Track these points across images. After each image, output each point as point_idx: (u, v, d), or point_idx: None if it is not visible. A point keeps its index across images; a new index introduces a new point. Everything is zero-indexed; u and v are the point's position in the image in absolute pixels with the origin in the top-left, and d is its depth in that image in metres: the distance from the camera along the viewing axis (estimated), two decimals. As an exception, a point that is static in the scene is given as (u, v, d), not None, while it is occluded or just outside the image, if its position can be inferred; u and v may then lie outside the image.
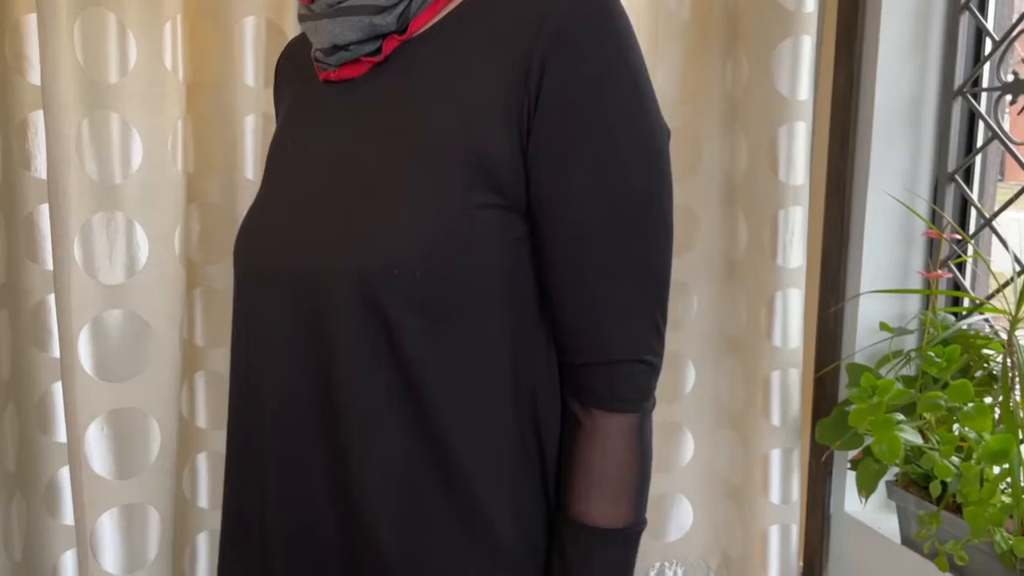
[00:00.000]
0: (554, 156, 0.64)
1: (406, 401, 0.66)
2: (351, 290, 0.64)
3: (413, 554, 0.67)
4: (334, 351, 0.66)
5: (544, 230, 0.67)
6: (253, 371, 0.75)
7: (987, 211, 1.78)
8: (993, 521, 1.44)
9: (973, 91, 1.77)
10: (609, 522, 0.68)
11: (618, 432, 0.69)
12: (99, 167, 1.41)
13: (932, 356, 1.53)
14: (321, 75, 0.74)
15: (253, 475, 0.75)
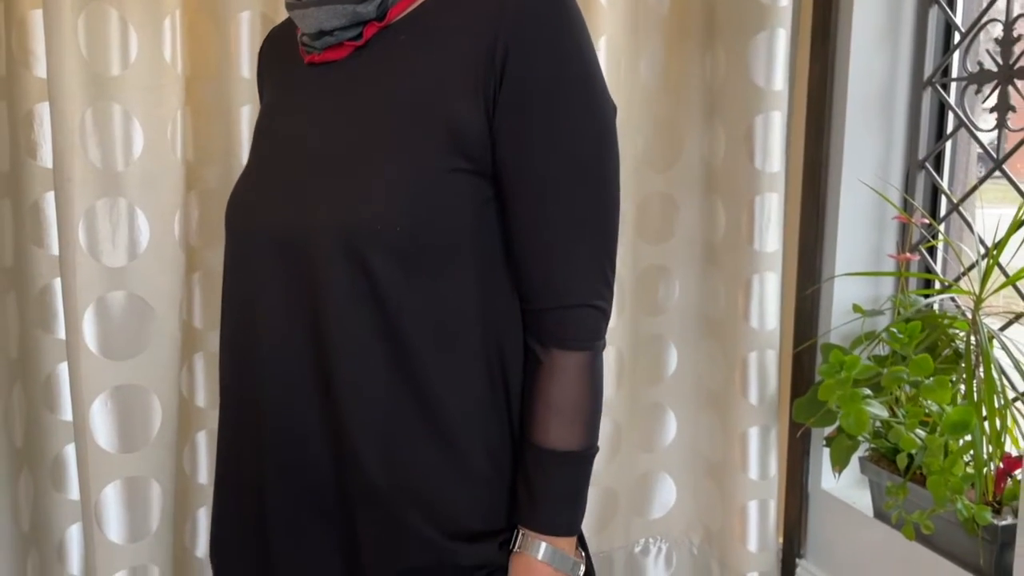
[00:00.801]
0: (516, 127, 0.73)
1: (387, 341, 0.74)
2: (339, 244, 0.72)
3: (396, 475, 0.76)
4: (323, 299, 0.74)
5: (508, 192, 0.76)
6: (246, 321, 0.82)
7: (955, 197, 1.85)
8: (954, 490, 1.52)
9: (942, 81, 1.84)
10: (566, 445, 0.78)
11: (573, 368, 0.78)
12: (102, 155, 1.48)
13: (895, 332, 1.60)
14: (306, 58, 0.82)
15: (248, 410, 0.83)
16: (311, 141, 0.79)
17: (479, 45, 0.72)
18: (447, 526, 0.77)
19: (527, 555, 0.78)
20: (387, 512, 0.76)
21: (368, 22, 0.76)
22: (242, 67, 1.61)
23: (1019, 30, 1.64)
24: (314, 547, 0.80)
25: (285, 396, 0.79)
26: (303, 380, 0.78)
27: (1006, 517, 1.52)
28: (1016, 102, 1.66)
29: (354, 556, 0.79)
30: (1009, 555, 1.52)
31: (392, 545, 0.77)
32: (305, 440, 0.78)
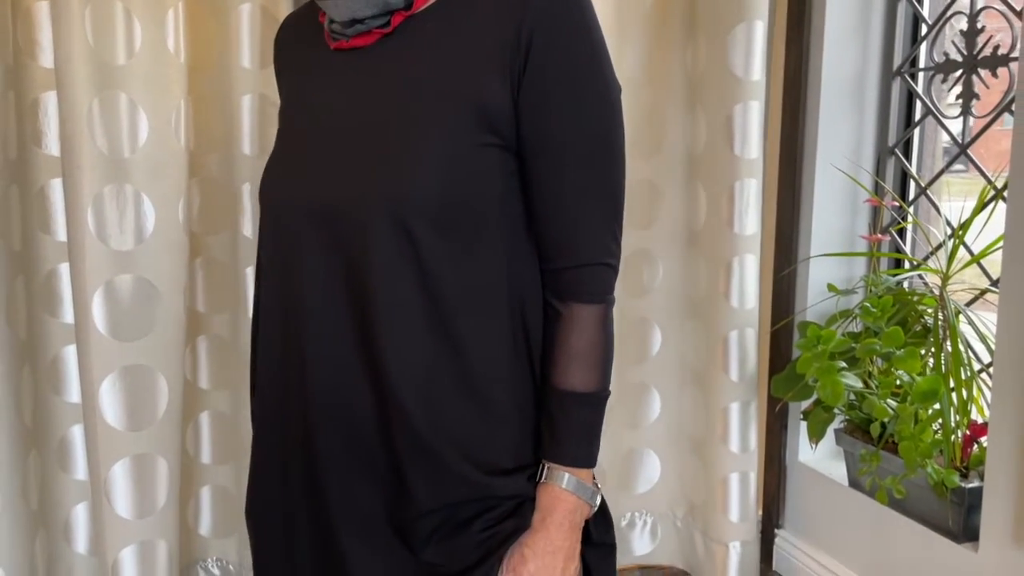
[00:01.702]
0: (540, 105, 0.83)
1: (426, 300, 0.83)
2: (384, 214, 0.80)
3: (437, 422, 0.85)
4: (368, 265, 0.82)
5: (531, 163, 0.85)
6: (288, 287, 0.88)
7: (923, 181, 1.94)
8: (925, 455, 1.61)
9: (910, 71, 1.94)
10: (584, 387, 0.88)
11: (590, 319, 0.88)
12: (109, 143, 1.53)
13: (868, 307, 1.69)
14: (333, 44, 0.89)
15: (292, 370, 0.88)
16: (348, 121, 0.85)
17: (505, 33, 0.81)
18: (482, 464, 0.86)
19: (553, 485, 0.87)
20: (431, 454, 0.85)
21: (396, 11, 0.84)
22: (243, 57, 1.66)
23: (982, 22, 1.74)
24: (362, 491, 0.87)
25: (330, 355, 0.86)
26: (347, 340, 0.85)
27: (973, 480, 1.62)
28: (980, 90, 1.75)
29: (399, 496, 0.87)
30: (976, 516, 1.61)
31: (436, 483, 0.85)
32: (351, 393, 0.85)
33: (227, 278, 1.79)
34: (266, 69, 1.68)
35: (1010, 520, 1.51)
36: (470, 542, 0.85)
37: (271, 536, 0.95)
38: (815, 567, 2.02)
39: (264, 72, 1.68)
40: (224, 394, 1.84)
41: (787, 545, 2.11)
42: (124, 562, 1.62)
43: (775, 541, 2.14)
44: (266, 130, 1.70)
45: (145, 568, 1.64)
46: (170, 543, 1.67)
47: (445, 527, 0.86)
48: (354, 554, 0.86)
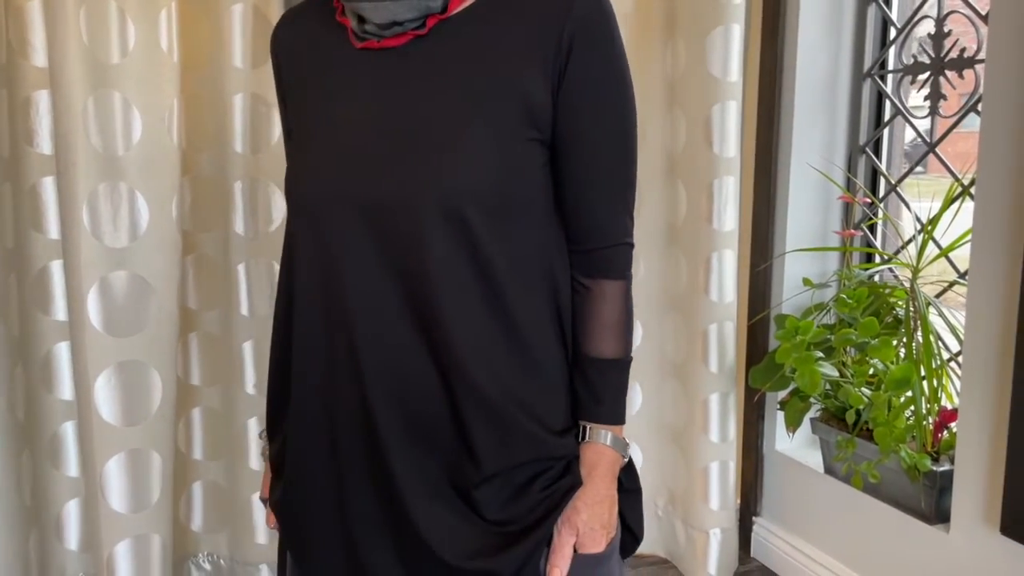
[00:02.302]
0: (576, 104, 0.91)
1: (480, 280, 0.90)
2: (440, 205, 0.87)
3: (501, 387, 0.92)
4: (425, 252, 0.88)
5: (565, 156, 0.93)
6: (333, 282, 0.91)
7: (893, 178, 2.02)
8: (898, 440, 1.68)
9: (880, 73, 2.01)
10: (614, 354, 0.97)
11: (618, 293, 0.97)
12: (103, 141, 1.55)
13: (845, 298, 1.76)
14: (359, 44, 0.92)
15: (342, 359, 0.92)
16: (394, 118, 0.89)
17: (548, 37, 0.89)
18: (544, 425, 0.94)
19: (596, 443, 0.95)
20: (500, 419, 0.92)
21: (431, 14, 0.89)
22: (235, 57, 1.69)
23: (949, 25, 1.82)
24: (427, 463, 0.92)
25: (384, 339, 0.90)
26: (403, 323, 0.90)
27: (943, 464, 1.70)
28: (947, 91, 1.83)
29: (464, 465, 0.92)
30: (947, 498, 1.69)
31: (505, 446, 0.92)
32: (409, 372, 0.91)
33: (218, 275, 1.81)
34: (258, 68, 1.71)
35: (979, 501, 1.58)
36: (531, 501, 0.92)
37: (317, 517, 0.97)
38: (792, 553, 2.08)
39: (256, 71, 1.70)
40: (215, 390, 1.86)
41: (765, 532, 2.17)
42: (119, 556, 1.64)
43: (753, 528, 2.20)
44: (258, 128, 1.72)
45: (139, 562, 1.66)
46: (164, 537, 1.69)
47: (506, 489, 0.92)
48: (424, 517, 0.91)
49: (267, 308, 1.78)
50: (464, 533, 0.92)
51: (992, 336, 1.53)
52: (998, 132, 1.50)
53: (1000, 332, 1.51)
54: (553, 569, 0.92)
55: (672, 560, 2.23)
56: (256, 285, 1.77)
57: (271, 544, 1.87)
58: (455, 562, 0.90)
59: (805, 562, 2.04)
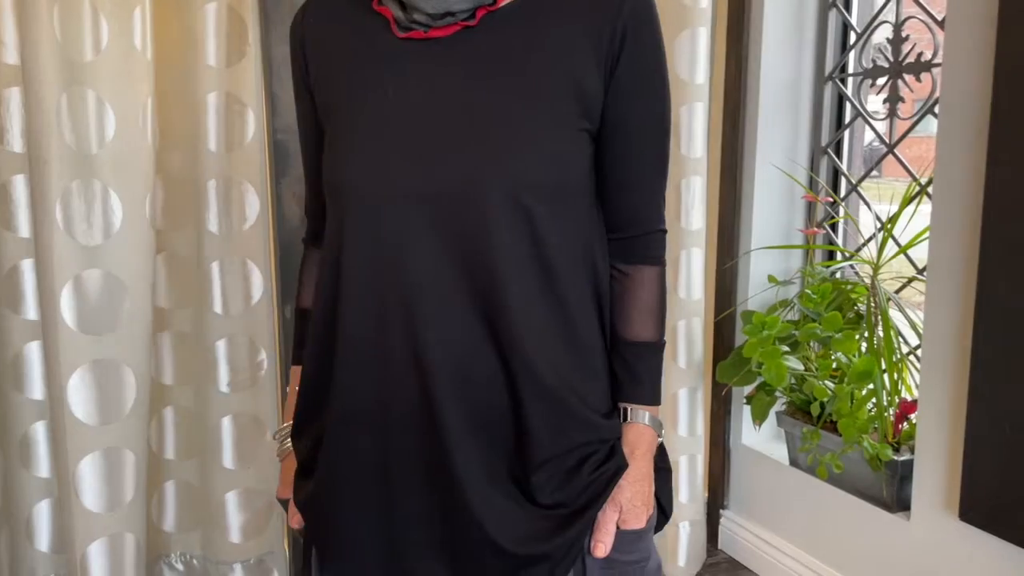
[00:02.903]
0: (626, 96, 0.94)
1: (539, 267, 0.92)
2: (506, 195, 0.89)
3: (559, 374, 0.94)
4: (489, 240, 0.89)
5: (611, 145, 0.96)
6: (391, 272, 0.91)
7: (854, 178, 2.08)
8: (861, 430, 1.74)
9: (841, 76, 2.07)
10: (651, 337, 1.00)
11: (655, 278, 1.01)
12: (76, 138, 1.54)
13: (809, 294, 1.81)
14: (403, 33, 0.92)
15: (400, 349, 0.92)
16: (450, 108, 0.90)
17: (601, 30, 0.91)
18: (593, 409, 0.97)
19: (638, 424, 0.99)
20: (558, 403, 0.93)
21: (481, 5, 0.91)
22: (208, 55, 1.69)
23: (906, 31, 1.88)
24: (488, 453, 0.93)
25: (448, 328, 0.91)
26: (466, 312, 0.91)
27: (904, 454, 1.76)
28: (905, 94, 1.90)
29: (520, 452, 0.94)
30: (907, 487, 1.75)
31: (560, 430, 0.94)
32: (473, 361, 0.92)
33: (191, 274, 1.81)
34: (232, 67, 1.71)
35: (939, 490, 1.64)
36: (581, 483, 0.94)
37: (356, 516, 0.97)
38: (759, 543, 2.13)
39: (230, 70, 1.71)
40: (188, 389, 1.86)
41: (732, 524, 2.22)
42: (92, 556, 1.63)
43: (720, 521, 2.25)
44: (232, 127, 1.72)
45: (114, 561, 1.65)
46: (138, 536, 1.68)
47: (558, 473, 0.94)
48: (484, 507, 0.92)
49: (241, 306, 1.78)
50: (520, 519, 0.93)
51: (950, 330, 1.59)
52: (955, 133, 1.56)
53: (958, 326, 1.57)
54: (598, 545, 0.95)
55: (641, 553, 2.26)
56: (230, 283, 1.77)
57: (244, 543, 1.87)
58: (513, 548, 0.92)
59: (772, 552, 2.09)
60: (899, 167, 1.93)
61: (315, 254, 1.12)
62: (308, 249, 1.15)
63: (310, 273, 1.14)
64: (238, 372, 1.81)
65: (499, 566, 0.93)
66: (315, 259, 1.12)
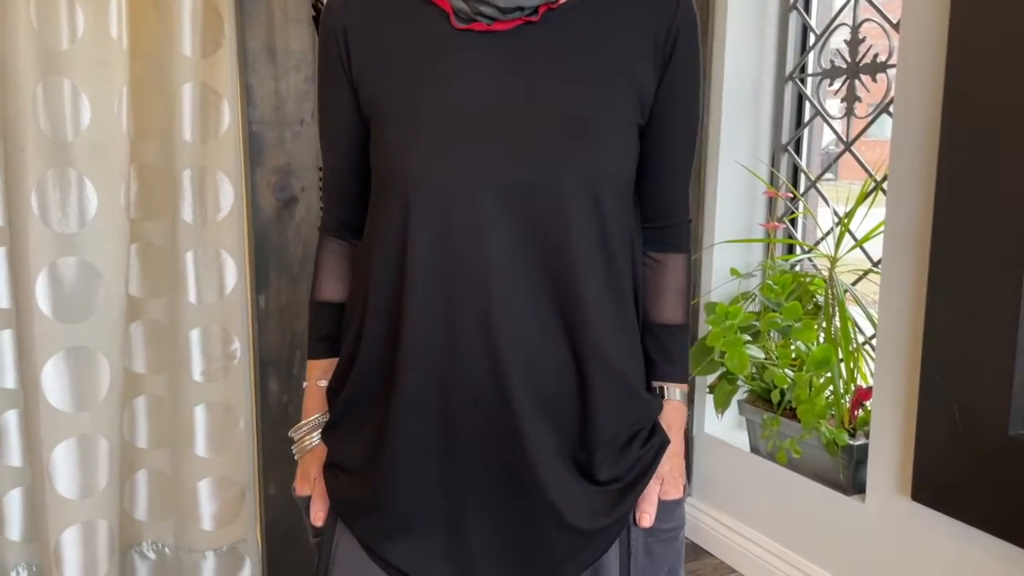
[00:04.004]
0: (674, 94, 1.00)
1: (604, 256, 0.96)
2: (583, 186, 0.93)
3: (622, 356, 0.98)
4: (566, 232, 0.92)
5: (655, 140, 1.01)
6: (462, 262, 0.92)
7: (812, 175, 2.16)
8: (819, 416, 1.81)
9: (801, 76, 2.15)
10: (681, 319, 1.07)
11: (683, 265, 1.07)
12: (52, 127, 1.55)
13: (771, 284, 1.88)
14: (462, 25, 0.93)
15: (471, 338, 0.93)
16: (522, 102, 0.92)
17: (658, 31, 0.97)
18: (644, 388, 1.03)
19: (674, 401, 1.06)
20: (622, 386, 0.98)
21: (544, 2, 0.94)
22: (183, 45, 1.70)
23: (863, 33, 1.96)
24: (555, 435, 0.96)
25: (522, 316, 0.93)
26: (541, 299, 0.94)
27: (860, 439, 1.83)
28: (861, 93, 1.97)
29: (583, 433, 0.97)
30: (863, 471, 1.82)
31: (623, 410, 0.99)
32: (543, 347, 0.94)
33: (164, 263, 1.81)
34: (207, 58, 1.72)
35: (892, 473, 1.72)
36: (631, 459, 0.99)
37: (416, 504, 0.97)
38: (721, 529, 2.20)
39: (205, 61, 1.72)
40: (161, 378, 1.86)
41: (694, 511, 2.29)
42: (66, 543, 1.64)
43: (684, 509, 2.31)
44: (207, 117, 1.74)
45: (87, 548, 1.66)
46: (111, 523, 1.69)
47: (614, 451, 0.99)
48: (556, 487, 0.95)
49: (215, 296, 1.80)
50: (585, 496, 0.97)
51: (903, 320, 1.67)
52: (908, 132, 1.63)
53: (910, 316, 1.65)
54: (644, 516, 1.01)
55: (607, 540, 2.32)
56: (204, 273, 1.79)
57: (216, 531, 1.88)
58: (581, 524, 0.96)
59: (733, 537, 2.16)
60: (855, 169, 2.01)
61: (336, 245, 1.11)
62: (328, 240, 1.12)
63: (332, 265, 1.12)
64: (212, 361, 1.82)
65: (566, 542, 0.97)
66: (337, 250, 1.11)
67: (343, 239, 1.10)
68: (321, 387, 1.09)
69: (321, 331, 1.11)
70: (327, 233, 1.12)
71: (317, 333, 1.11)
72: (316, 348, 1.11)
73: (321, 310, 1.12)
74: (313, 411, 1.10)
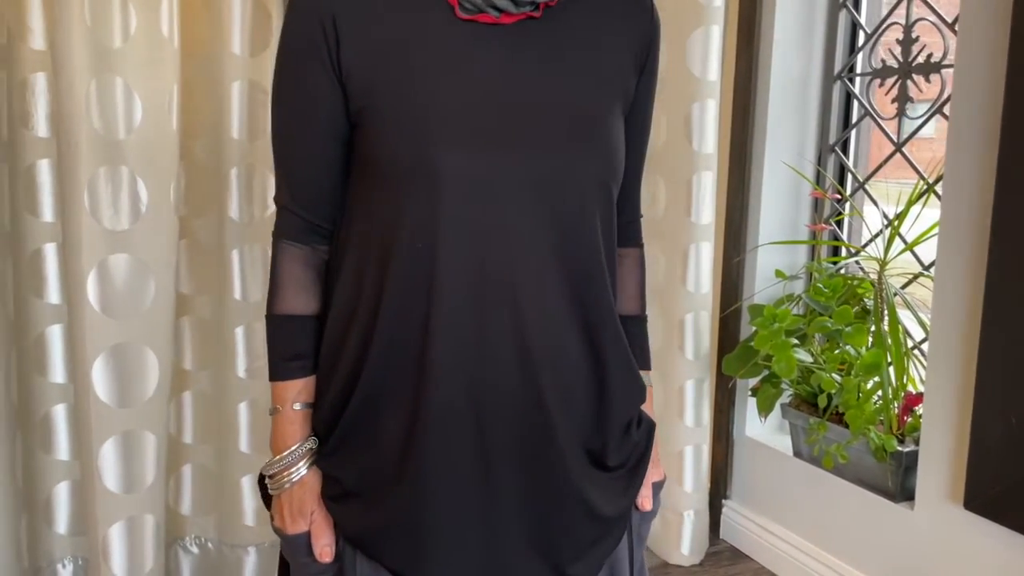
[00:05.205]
0: (643, 96, 1.02)
1: (606, 249, 0.97)
2: (600, 180, 0.95)
3: (626, 346, 0.99)
4: (584, 224, 0.94)
5: (630, 138, 1.01)
6: (493, 254, 0.90)
7: (860, 176, 2.13)
8: (868, 422, 1.78)
9: (849, 76, 2.12)
10: (642, 310, 1.11)
11: (641, 258, 1.11)
12: (105, 124, 1.56)
13: (821, 287, 1.86)
14: (466, 16, 0.91)
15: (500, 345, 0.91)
16: (532, 96, 0.92)
17: (638, 34, 1.00)
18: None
19: (648, 386, 1.07)
20: (630, 374, 1.00)
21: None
22: (233, 44, 1.71)
23: (916, 32, 1.92)
24: (574, 425, 0.97)
25: (547, 310, 0.93)
26: (562, 293, 0.94)
27: (909, 445, 1.80)
28: (915, 94, 1.94)
29: (598, 423, 0.99)
30: (911, 478, 1.79)
31: (631, 397, 1.01)
32: (565, 343, 0.94)
33: (212, 260, 1.83)
34: (256, 56, 1.73)
35: (944, 480, 1.69)
36: (631, 443, 1.01)
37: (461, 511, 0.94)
38: (760, 532, 2.18)
39: (255, 59, 1.73)
40: (207, 374, 1.88)
41: (734, 514, 2.27)
42: (113, 537, 1.65)
43: (722, 511, 2.30)
44: (255, 116, 1.74)
45: (134, 543, 1.67)
46: (157, 518, 1.70)
47: (619, 439, 1.01)
48: (587, 482, 0.97)
49: (260, 293, 1.80)
50: (602, 483, 0.98)
51: (957, 324, 1.63)
52: (965, 133, 1.60)
53: (965, 320, 1.62)
54: (645, 500, 1.04)
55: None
56: (250, 270, 1.80)
57: (259, 527, 1.89)
58: (605, 511, 0.97)
59: (773, 541, 2.14)
60: (897, 168, 1.98)
61: (298, 250, 0.98)
62: (290, 245, 0.98)
63: (297, 273, 0.99)
64: (256, 358, 1.83)
65: (593, 532, 0.97)
66: (301, 257, 0.98)
67: (306, 244, 0.98)
68: (299, 411, 0.98)
69: (292, 348, 0.98)
70: (287, 238, 0.98)
71: (287, 351, 0.98)
72: (287, 368, 0.98)
73: (288, 325, 0.98)
74: (293, 439, 0.97)
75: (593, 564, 0.98)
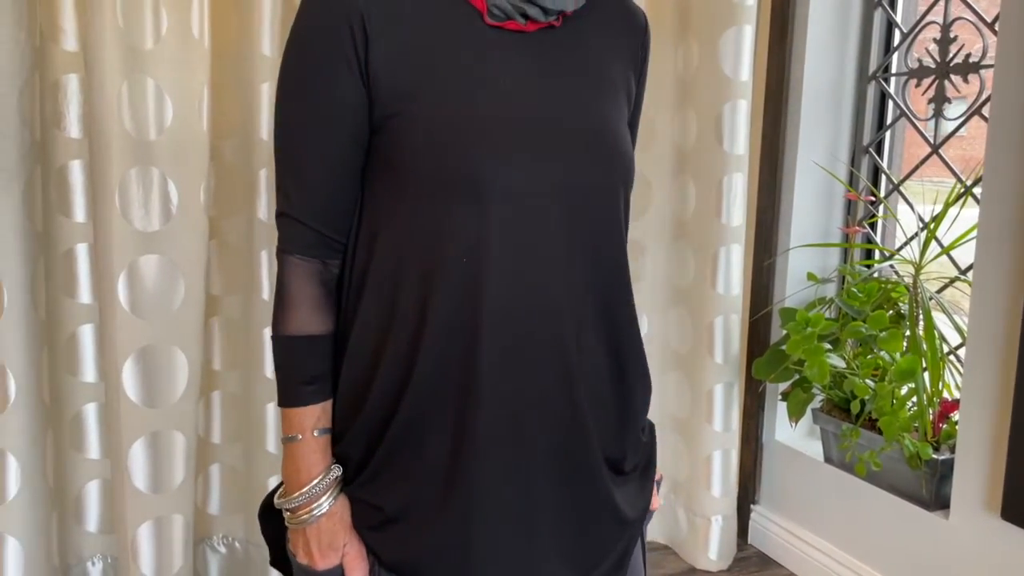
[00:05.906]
0: (639, 103, 1.05)
1: (626, 257, 0.98)
2: (623, 187, 0.95)
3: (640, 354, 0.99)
4: (611, 234, 0.94)
5: None
6: (535, 264, 0.89)
7: (895, 178, 2.09)
8: (903, 429, 1.75)
9: (884, 76, 2.08)
10: None
11: None
12: (136, 125, 1.56)
13: (855, 291, 1.83)
14: (494, 22, 0.89)
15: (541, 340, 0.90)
16: (562, 105, 0.91)
17: (635, 46, 1.02)
18: None
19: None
20: (645, 384, 1.01)
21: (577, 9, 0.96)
22: (263, 45, 1.71)
23: (954, 31, 1.88)
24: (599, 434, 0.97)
25: (580, 320, 0.92)
26: (592, 303, 0.93)
27: (944, 453, 1.77)
28: (951, 94, 1.90)
29: (619, 430, 0.99)
30: (947, 486, 1.76)
31: (645, 406, 1.02)
32: (594, 353, 0.94)
33: (241, 261, 1.83)
34: (286, 57, 1.73)
35: (979, 489, 1.66)
36: (639, 444, 1.03)
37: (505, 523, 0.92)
38: (789, 539, 2.15)
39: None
40: (235, 374, 1.88)
41: (762, 520, 2.24)
42: (142, 537, 1.66)
43: (751, 516, 2.27)
44: (285, 117, 1.74)
45: (163, 542, 1.68)
46: (187, 518, 1.71)
47: (635, 444, 1.02)
48: (617, 489, 0.98)
49: (288, 294, 1.80)
50: (621, 487, 0.99)
51: (995, 330, 1.60)
52: (1006, 135, 1.57)
53: (1004, 326, 1.58)
54: (654, 499, 1.05)
55: (672, 547, 2.28)
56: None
57: (286, 527, 1.89)
58: (631, 514, 0.99)
59: (802, 547, 2.11)
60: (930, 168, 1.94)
61: (311, 267, 0.91)
62: (302, 260, 0.91)
63: (310, 291, 0.92)
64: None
65: (619, 533, 0.99)
66: (314, 273, 0.92)
67: (317, 258, 0.91)
68: (319, 438, 0.92)
69: (309, 371, 0.91)
70: (296, 252, 0.91)
71: (304, 374, 0.91)
72: (305, 392, 0.91)
73: (303, 346, 0.91)
74: (317, 468, 0.91)
75: (618, 565, 1.00)
